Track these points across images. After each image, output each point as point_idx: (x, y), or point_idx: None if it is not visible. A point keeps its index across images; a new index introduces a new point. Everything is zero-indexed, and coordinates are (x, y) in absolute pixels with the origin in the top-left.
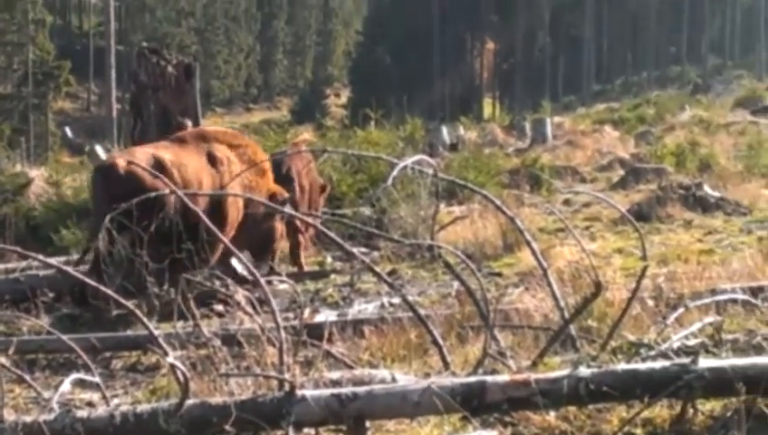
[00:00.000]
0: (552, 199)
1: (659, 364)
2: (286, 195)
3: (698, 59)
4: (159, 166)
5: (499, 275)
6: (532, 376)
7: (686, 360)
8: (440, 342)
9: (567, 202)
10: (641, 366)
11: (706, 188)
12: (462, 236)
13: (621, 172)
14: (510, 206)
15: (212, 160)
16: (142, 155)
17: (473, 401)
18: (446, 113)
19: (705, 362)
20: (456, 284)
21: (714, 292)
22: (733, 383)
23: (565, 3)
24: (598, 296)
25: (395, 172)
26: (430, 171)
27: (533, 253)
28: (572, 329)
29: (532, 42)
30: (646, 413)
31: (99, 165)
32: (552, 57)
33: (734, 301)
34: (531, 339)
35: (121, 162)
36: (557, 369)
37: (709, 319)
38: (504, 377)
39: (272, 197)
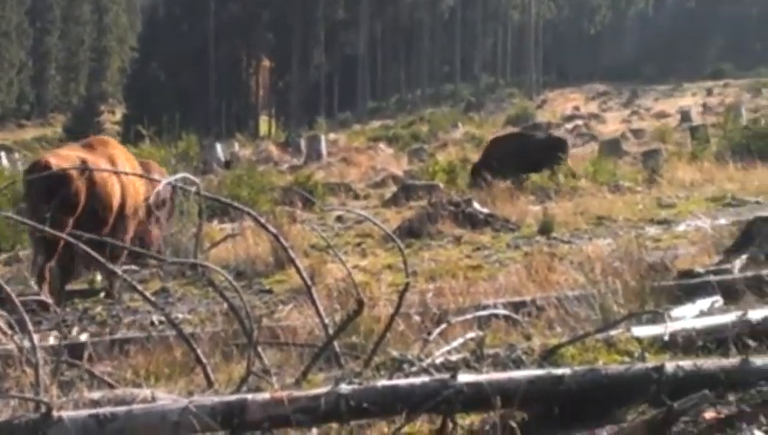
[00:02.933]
0: (326, 216)
1: (419, 380)
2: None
3: (471, 77)
4: (84, 165)
5: (270, 291)
6: (293, 393)
7: (445, 375)
8: (203, 360)
9: (340, 219)
10: (401, 382)
11: (476, 205)
12: (234, 253)
13: (394, 189)
14: (283, 223)
15: (113, 165)
16: (68, 155)
17: (233, 420)
18: (222, 130)
19: (463, 377)
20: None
21: (477, 307)
22: (490, 397)
23: (340, 21)
24: (360, 313)
25: (157, 189)
26: (193, 189)
27: (297, 270)
28: (337, 346)
29: (307, 60)
30: (407, 429)
31: (34, 162)
32: (327, 75)
33: (497, 316)
34: (297, 356)
35: (54, 160)
36: (320, 386)
37: (472, 334)
38: (264, 395)
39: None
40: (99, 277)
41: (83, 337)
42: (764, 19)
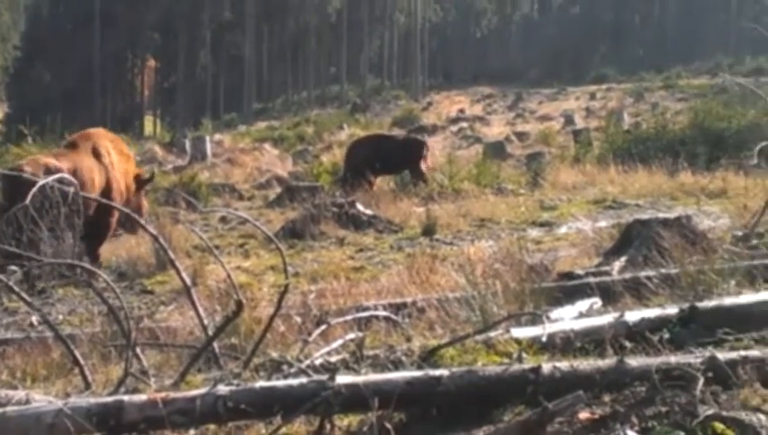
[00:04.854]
0: (210, 217)
1: (297, 381)
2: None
3: (357, 79)
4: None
5: (151, 292)
6: (171, 395)
7: (324, 377)
8: (81, 361)
9: (224, 219)
10: (279, 383)
11: (359, 206)
12: (116, 254)
13: (279, 190)
14: (165, 223)
15: (97, 155)
16: (45, 163)
17: (110, 422)
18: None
19: (342, 379)
20: None
21: (358, 308)
22: (368, 399)
23: (226, 22)
24: (240, 315)
25: (34, 190)
26: (71, 189)
27: (177, 271)
28: (217, 347)
29: (193, 60)
30: (284, 430)
31: (10, 168)
32: (213, 75)
33: (378, 317)
34: (177, 358)
35: (28, 168)
36: (198, 387)
37: (352, 335)
38: (141, 396)
39: (137, 176)
40: None
41: None
42: (646, 26)
